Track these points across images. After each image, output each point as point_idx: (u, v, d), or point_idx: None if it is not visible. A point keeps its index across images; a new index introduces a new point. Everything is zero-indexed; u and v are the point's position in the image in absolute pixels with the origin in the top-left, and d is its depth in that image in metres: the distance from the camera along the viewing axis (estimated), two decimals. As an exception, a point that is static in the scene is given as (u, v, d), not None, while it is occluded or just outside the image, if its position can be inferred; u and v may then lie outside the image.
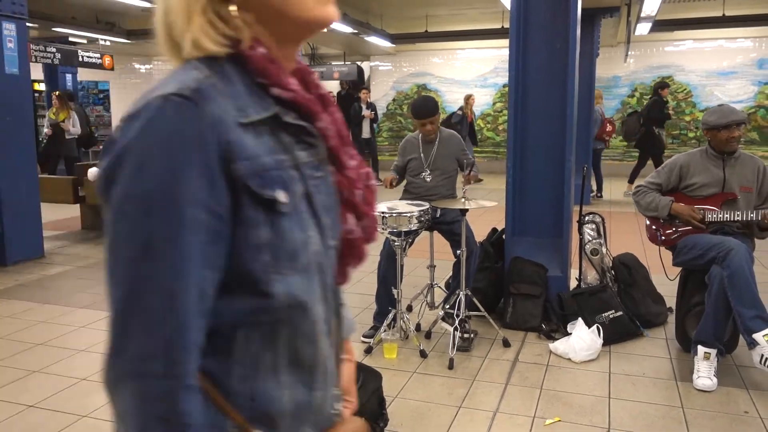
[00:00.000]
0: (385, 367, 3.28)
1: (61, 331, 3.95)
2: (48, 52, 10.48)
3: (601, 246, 4.12)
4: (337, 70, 13.71)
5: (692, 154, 3.54)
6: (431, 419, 2.80)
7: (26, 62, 5.74)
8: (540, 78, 4.09)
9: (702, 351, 3.15)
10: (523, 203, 4.19)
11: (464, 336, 3.58)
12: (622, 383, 3.18)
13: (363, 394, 2.53)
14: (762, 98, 12.20)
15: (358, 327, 3.97)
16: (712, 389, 3.07)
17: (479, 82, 14.12)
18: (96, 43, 12.51)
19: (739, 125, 3.33)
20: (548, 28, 4.04)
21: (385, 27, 12.12)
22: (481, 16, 11.63)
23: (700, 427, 2.72)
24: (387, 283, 3.73)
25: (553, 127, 4.05)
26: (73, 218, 7.78)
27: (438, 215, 3.85)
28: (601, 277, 4.07)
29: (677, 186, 3.52)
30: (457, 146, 4.03)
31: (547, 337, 3.76)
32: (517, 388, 3.14)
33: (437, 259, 4.17)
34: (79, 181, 7.03)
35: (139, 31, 11.71)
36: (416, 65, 14.65)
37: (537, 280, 3.98)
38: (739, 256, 3.10)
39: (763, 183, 3.43)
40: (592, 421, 2.79)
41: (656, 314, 3.98)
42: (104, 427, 2.75)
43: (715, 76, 12.27)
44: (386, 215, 3.46)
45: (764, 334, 2.99)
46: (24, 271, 5.47)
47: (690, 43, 12.52)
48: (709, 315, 3.17)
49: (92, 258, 5.96)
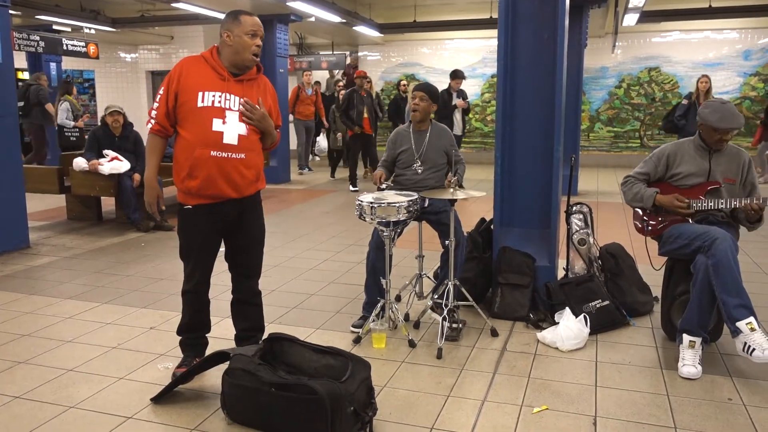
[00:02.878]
0: (373, 357, 3.29)
1: (48, 322, 3.93)
2: (31, 40, 10.33)
3: (588, 236, 4.15)
4: (325, 60, 13.63)
5: (680, 143, 3.56)
6: (420, 408, 2.82)
7: (9, 50, 5.66)
8: (528, 68, 4.09)
9: (687, 339, 3.19)
10: (512, 193, 4.20)
11: (452, 326, 3.60)
12: (608, 371, 3.21)
13: (352, 383, 2.54)
14: (747, 89, 12.29)
15: (347, 317, 3.98)
16: (697, 377, 3.11)
17: (467, 72, 14.05)
18: (80, 32, 12.34)
19: (731, 130, 3.35)
20: (536, 19, 4.04)
21: (373, 16, 12.06)
22: (469, 6, 11.61)
23: (684, 414, 2.76)
24: (376, 273, 3.74)
25: (541, 118, 4.06)
26: (58, 208, 7.70)
27: (426, 205, 3.85)
28: (588, 267, 4.10)
29: (664, 175, 3.55)
30: (447, 140, 4.03)
31: (535, 326, 3.79)
32: (505, 377, 3.16)
33: (426, 250, 4.18)
34: (65, 170, 6.96)
35: (124, 19, 11.58)
36: (405, 55, 14.60)
37: (525, 270, 4.00)
38: (723, 245, 3.13)
39: (746, 176, 3.47)
40: (579, 409, 2.82)
41: (642, 303, 4.02)
42: (91, 417, 2.74)
43: (701, 67, 12.32)
44: (375, 205, 3.46)
45: (747, 322, 3.03)
46: (9, 261, 5.42)
47: (677, 34, 12.57)
48: (694, 304, 3.20)
49: (78, 248, 5.91)
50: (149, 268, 5.19)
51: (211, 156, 2.86)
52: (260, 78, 3.06)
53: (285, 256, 5.52)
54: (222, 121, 2.86)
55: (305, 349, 2.79)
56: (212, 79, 2.90)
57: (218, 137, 2.86)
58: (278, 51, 10.35)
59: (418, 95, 3.93)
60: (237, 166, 2.90)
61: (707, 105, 3.42)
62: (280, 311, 4.10)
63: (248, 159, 2.94)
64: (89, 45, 11.60)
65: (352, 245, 5.98)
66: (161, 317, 4.01)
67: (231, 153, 2.88)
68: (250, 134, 2.95)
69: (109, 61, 14.53)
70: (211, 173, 2.87)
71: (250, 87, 2.98)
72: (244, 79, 2.96)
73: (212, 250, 3.07)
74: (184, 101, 2.88)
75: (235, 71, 2.94)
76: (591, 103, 13.34)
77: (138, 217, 6.58)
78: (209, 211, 2.95)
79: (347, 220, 7.26)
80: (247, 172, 2.95)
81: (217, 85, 2.89)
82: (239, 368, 2.63)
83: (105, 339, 3.65)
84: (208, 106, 2.86)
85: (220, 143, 2.86)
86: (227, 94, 2.89)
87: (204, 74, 2.91)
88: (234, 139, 2.88)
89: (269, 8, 9.66)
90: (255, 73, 3.02)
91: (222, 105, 2.87)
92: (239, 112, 2.92)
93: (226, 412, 2.69)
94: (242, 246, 3.12)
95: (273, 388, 2.53)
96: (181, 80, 2.89)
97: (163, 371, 3.20)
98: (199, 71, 2.91)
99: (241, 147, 2.90)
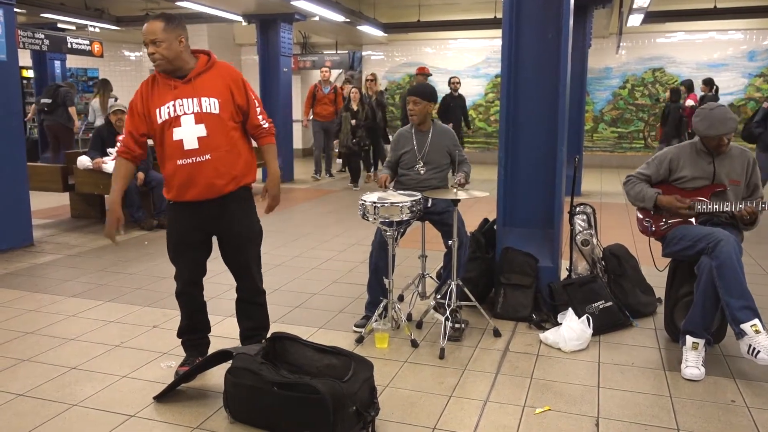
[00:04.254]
0: (376, 357, 3.29)
1: (51, 320, 3.93)
2: (36, 38, 10.36)
3: (591, 237, 4.14)
4: (329, 59, 13.64)
5: (682, 147, 3.55)
6: (422, 408, 2.82)
7: (14, 48, 5.67)
8: (532, 69, 4.08)
9: (690, 341, 3.18)
10: (515, 194, 4.20)
11: (455, 326, 3.59)
12: (611, 372, 3.21)
13: (354, 383, 2.54)
14: (752, 90, 12.26)
15: (350, 317, 3.98)
16: (700, 378, 3.10)
17: (471, 72, 14.09)
18: (85, 30, 12.37)
19: (728, 134, 3.34)
20: (541, 19, 4.03)
21: (377, 16, 12.05)
22: (473, 6, 11.59)
23: (687, 416, 2.75)
24: (378, 273, 3.74)
25: (545, 118, 4.05)
26: (62, 206, 7.72)
27: (429, 205, 3.85)
28: (591, 268, 4.10)
29: (667, 178, 3.54)
30: (450, 140, 4.03)
31: (538, 327, 3.79)
32: (507, 377, 3.16)
33: (428, 250, 4.18)
34: (69, 169, 6.98)
35: (128, 17, 11.59)
36: (408, 55, 14.60)
37: (528, 270, 3.99)
38: (728, 247, 3.12)
39: (751, 175, 3.46)
40: (582, 410, 2.81)
41: (645, 304, 4.01)
42: (94, 415, 2.74)
43: (706, 68, 12.29)
44: (378, 205, 3.46)
45: (752, 324, 3.02)
46: (13, 259, 5.43)
47: (682, 35, 12.54)
48: (697, 305, 3.19)
49: (82, 246, 5.92)
50: (152, 267, 5.19)
51: (178, 165, 2.87)
52: (216, 66, 2.95)
53: (288, 255, 5.53)
54: (179, 128, 2.84)
55: (308, 348, 2.79)
56: (164, 93, 2.87)
57: (179, 145, 2.85)
58: (282, 50, 10.35)
59: (411, 100, 3.93)
60: (204, 169, 2.85)
61: (698, 113, 3.40)
62: (282, 310, 4.11)
63: (216, 158, 2.85)
64: (94, 43, 11.63)
65: (355, 245, 5.98)
66: (164, 315, 4.01)
67: (195, 157, 2.84)
68: (214, 134, 2.85)
69: (114, 59, 14.56)
70: (181, 182, 2.89)
71: (202, 82, 2.88)
72: (192, 77, 2.87)
73: (195, 247, 3.02)
74: (149, 123, 2.90)
75: (180, 74, 2.89)
76: (595, 103, 13.32)
77: (141, 216, 6.60)
78: (189, 208, 2.96)
79: (350, 219, 7.27)
80: (217, 172, 2.87)
81: (168, 96, 2.86)
82: (242, 367, 2.63)
83: (108, 337, 3.66)
84: (165, 120, 2.85)
85: (182, 151, 2.85)
86: (179, 100, 2.85)
87: (159, 92, 2.89)
88: (194, 143, 2.83)
89: (273, 7, 9.66)
90: (204, 64, 2.92)
91: (176, 113, 2.84)
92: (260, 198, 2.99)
93: (228, 411, 2.70)
94: (231, 244, 3.07)
95: (275, 388, 2.53)
96: (144, 103, 2.91)
97: (165, 369, 3.20)
98: (156, 90, 2.91)
99: (203, 149, 2.84)
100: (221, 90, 2.89)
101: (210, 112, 2.85)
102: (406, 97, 4.00)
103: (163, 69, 2.86)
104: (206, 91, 2.87)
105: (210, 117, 2.85)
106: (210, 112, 2.85)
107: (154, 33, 2.79)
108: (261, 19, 10.12)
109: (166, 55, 2.81)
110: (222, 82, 2.91)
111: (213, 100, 2.86)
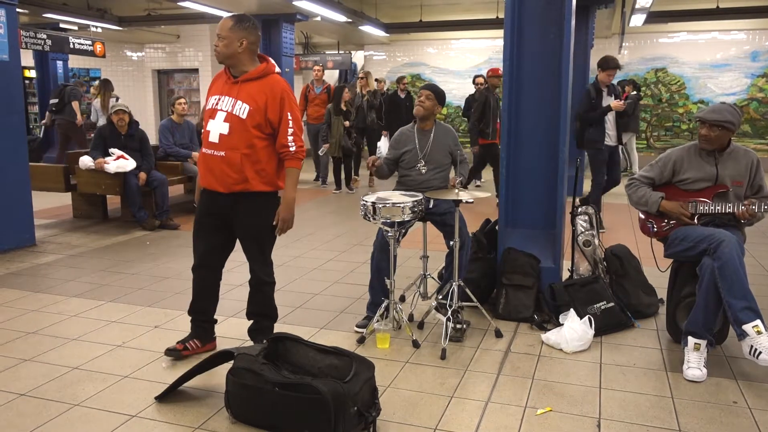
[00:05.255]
0: (377, 357, 3.29)
1: (53, 320, 3.94)
2: (38, 38, 10.37)
3: (593, 237, 4.14)
4: (330, 59, 13.64)
5: (686, 149, 3.54)
6: (423, 409, 2.81)
7: (16, 48, 5.68)
8: (534, 69, 4.08)
9: (692, 342, 3.17)
10: (517, 194, 4.19)
11: (457, 326, 3.59)
12: (612, 373, 3.20)
13: (356, 383, 2.54)
14: (755, 91, 12.24)
15: (351, 317, 3.98)
16: (702, 380, 3.09)
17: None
18: (87, 30, 12.38)
19: (713, 126, 3.33)
20: (543, 19, 4.03)
21: (379, 16, 12.05)
22: (475, 6, 11.58)
23: (689, 417, 2.75)
24: (380, 273, 3.73)
25: (547, 119, 4.05)
26: (64, 206, 7.73)
27: (431, 206, 3.84)
28: (593, 269, 4.09)
29: (670, 180, 3.54)
30: (452, 140, 4.03)
31: (539, 327, 3.78)
32: (508, 378, 3.15)
33: (430, 250, 4.18)
34: (71, 169, 6.98)
35: (130, 18, 11.60)
36: (410, 55, 14.60)
37: (529, 271, 3.99)
38: (729, 247, 3.11)
39: (755, 176, 3.45)
40: (583, 410, 2.81)
41: (647, 305, 4.01)
42: (96, 415, 2.75)
43: (708, 69, 12.29)
44: (379, 206, 3.46)
45: (754, 325, 3.02)
46: (15, 259, 5.44)
47: (684, 35, 12.53)
48: (699, 306, 3.19)
49: (84, 246, 5.93)
50: (154, 267, 5.20)
51: (203, 152, 3.18)
52: (267, 78, 3.11)
53: (289, 256, 5.53)
54: (213, 120, 3.11)
55: (309, 348, 2.79)
56: (221, 84, 3.17)
57: (207, 135, 3.13)
58: (284, 50, 10.37)
59: (424, 93, 3.95)
60: (219, 163, 3.09)
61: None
62: (284, 311, 4.10)
63: (229, 157, 3.06)
64: (96, 43, 11.63)
65: (357, 245, 5.98)
66: (166, 316, 4.02)
67: (214, 150, 3.10)
68: (234, 135, 3.05)
69: (116, 59, 14.56)
70: (202, 168, 3.20)
71: (248, 87, 3.08)
72: (240, 80, 3.10)
73: (209, 230, 3.26)
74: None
75: (235, 73, 3.13)
76: (597, 103, 13.28)
77: (143, 216, 6.60)
78: (208, 195, 3.22)
79: (352, 220, 7.26)
80: (229, 170, 3.07)
81: (220, 89, 3.16)
82: (243, 368, 2.63)
83: (110, 337, 3.66)
84: (209, 108, 3.16)
85: (207, 141, 3.13)
86: (223, 96, 3.12)
87: (219, 81, 3.20)
88: (216, 138, 3.09)
89: (275, 7, 9.67)
90: (256, 74, 3.10)
91: (216, 106, 3.12)
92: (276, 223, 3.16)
93: (230, 411, 2.70)
94: (241, 236, 3.30)
95: (277, 388, 2.53)
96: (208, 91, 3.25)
97: (167, 370, 3.20)
98: (218, 80, 3.22)
99: (221, 145, 3.07)
100: (257, 100, 3.06)
101: (237, 116, 3.05)
102: (420, 89, 4.02)
103: (220, 62, 3.13)
104: (245, 96, 3.07)
105: (236, 119, 3.06)
106: (238, 115, 3.05)
107: (221, 28, 3.08)
108: (263, 19, 10.13)
109: (223, 51, 3.07)
110: (261, 94, 3.07)
111: (245, 105, 3.05)
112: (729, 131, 3.34)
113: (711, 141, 3.36)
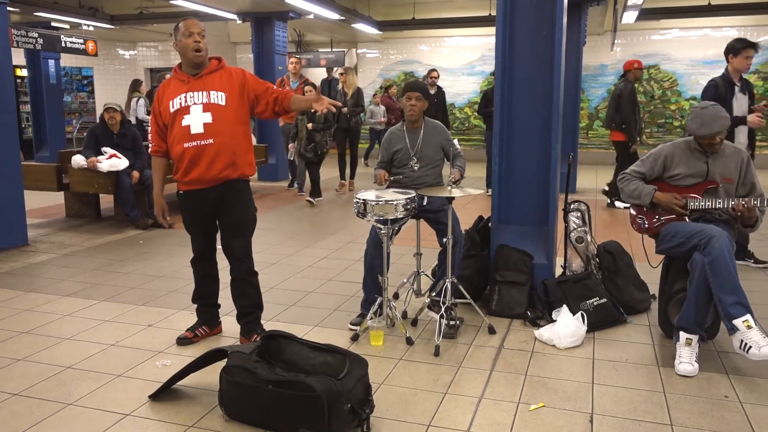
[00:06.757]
0: (371, 355, 3.29)
1: (46, 319, 3.93)
2: (30, 37, 10.32)
3: (586, 234, 4.16)
4: (323, 57, 13.63)
5: (676, 144, 3.56)
6: (417, 405, 2.83)
7: (7, 47, 5.65)
8: (527, 66, 4.09)
9: (684, 337, 3.20)
10: (510, 191, 4.21)
11: (450, 323, 3.60)
12: (605, 369, 3.22)
13: (349, 380, 2.55)
14: (746, 87, 12.29)
15: (345, 315, 3.99)
16: (694, 374, 3.12)
17: (466, 70, 14.11)
18: (79, 29, 12.33)
19: (720, 133, 3.35)
20: (535, 16, 4.03)
21: (372, 14, 12.05)
22: (468, 4, 11.60)
23: (681, 412, 2.77)
24: (374, 270, 3.74)
25: (539, 116, 4.06)
26: (57, 206, 7.70)
27: (425, 203, 3.85)
28: (585, 265, 4.11)
29: (661, 176, 3.56)
30: (442, 135, 4.03)
31: (533, 324, 3.80)
32: (502, 374, 3.17)
33: (423, 247, 4.19)
34: (63, 168, 6.96)
35: (122, 16, 11.56)
36: (403, 53, 14.60)
37: (522, 267, 4.01)
38: (720, 243, 3.14)
39: (745, 174, 3.47)
40: (576, 406, 2.83)
41: (639, 301, 4.03)
42: (89, 414, 2.75)
43: (700, 65, 12.34)
44: (373, 203, 3.46)
45: (744, 320, 3.04)
46: (8, 258, 5.42)
47: (676, 32, 12.57)
48: (690, 301, 3.21)
49: (77, 246, 5.91)
50: (147, 266, 5.19)
51: (185, 147, 3.24)
52: (224, 70, 3.35)
53: (283, 254, 5.53)
54: (188, 115, 3.23)
55: (303, 346, 2.79)
56: (178, 88, 3.30)
57: (187, 130, 3.23)
58: (276, 48, 10.34)
59: (414, 96, 3.93)
60: (207, 151, 3.22)
61: (691, 111, 3.46)
62: (278, 308, 4.11)
63: (218, 143, 3.22)
64: (88, 42, 11.58)
65: (350, 243, 5.99)
66: (159, 314, 4.01)
67: (200, 140, 3.22)
68: (218, 122, 3.22)
69: (108, 58, 14.52)
70: (187, 162, 3.26)
71: (212, 79, 3.29)
72: (204, 74, 3.29)
73: (204, 227, 3.46)
74: (165, 115, 3.31)
75: (194, 71, 3.30)
76: (590, 100, 13.35)
77: (136, 215, 6.59)
78: (195, 195, 3.35)
79: (345, 218, 7.27)
80: (218, 155, 3.23)
81: (181, 90, 3.28)
82: (237, 365, 2.64)
83: (103, 336, 3.65)
84: (177, 109, 3.26)
85: (189, 134, 3.23)
86: (190, 92, 3.25)
87: (172, 88, 3.32)
88: (200, 128, 3.21)
89: (268, 5, 9.65)
90: (215, 66, 3.33)
91: (186, 103, 3.24)
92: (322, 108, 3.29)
93: (223, 409, 2.70)
94: (227, 226, 3.42)
95: (270, 386, 2.53)
96: (159, 102, 3.34)
97: (161, 368, 3.20)
98: (169, 87, 3.34)
99: (207, 134, 3.21)
100: (227, 86, 3.28)
101: (217, 104, 3.24)
102: (408, 93, 3.98)
103: (200, 60, 3.27)
104: (216, 86, 3.27)
105: (217, 107, 3.24)
106: (217, 103, 3.24)
107: (200, 27, 3.28)
108: (256, 17, 10.11)
109: (206, 48, 3.28)
110: (228, 81, 3.30)
111: (221, 93, 3.26)
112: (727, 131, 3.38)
113: (720, 143, 3.41)
